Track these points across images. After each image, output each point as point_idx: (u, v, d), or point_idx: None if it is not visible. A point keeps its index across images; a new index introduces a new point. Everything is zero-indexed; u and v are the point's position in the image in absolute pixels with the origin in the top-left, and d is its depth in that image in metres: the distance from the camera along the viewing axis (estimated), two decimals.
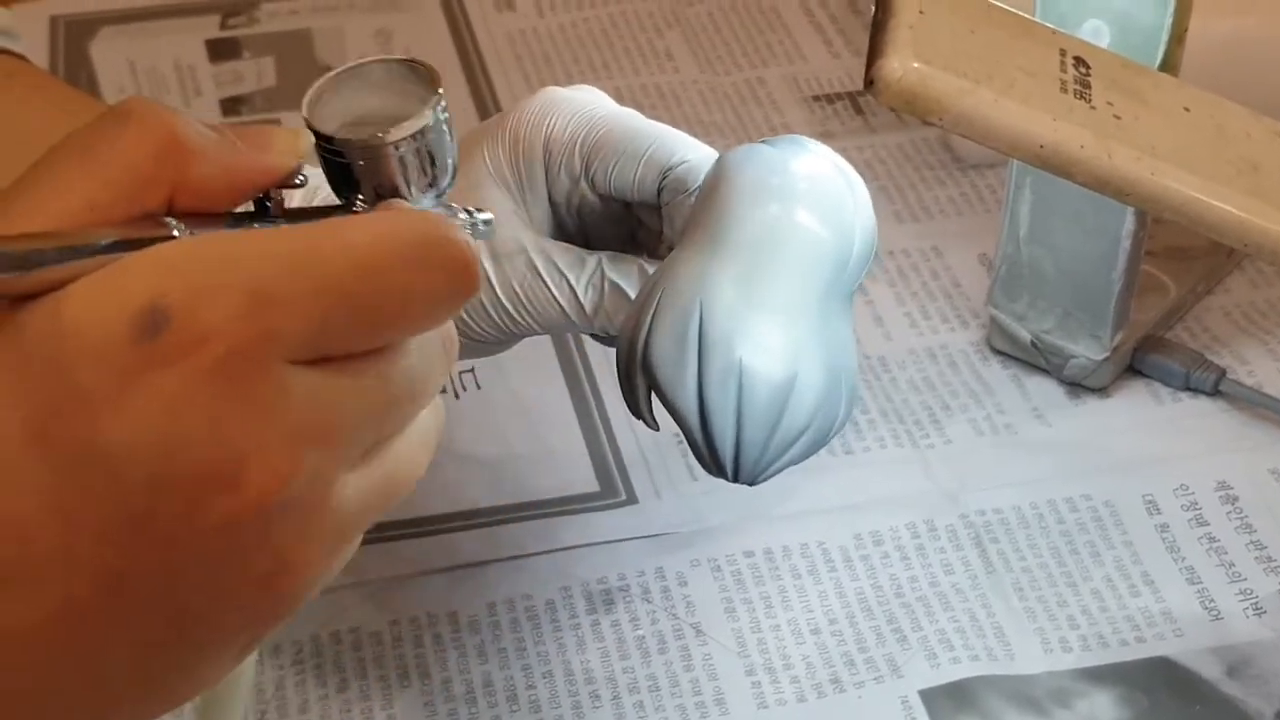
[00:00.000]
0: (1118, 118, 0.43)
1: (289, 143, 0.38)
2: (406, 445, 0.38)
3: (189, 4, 0.83)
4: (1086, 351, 0.61)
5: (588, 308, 0.51)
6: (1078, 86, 0.43)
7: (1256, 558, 0.56)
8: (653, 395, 0.50)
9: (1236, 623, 0.54)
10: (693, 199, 0.51)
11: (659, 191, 0.51)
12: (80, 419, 0.34)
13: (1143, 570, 0.56)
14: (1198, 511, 0.58)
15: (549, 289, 0.50)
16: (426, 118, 0.38)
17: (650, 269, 0.51)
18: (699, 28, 0.81)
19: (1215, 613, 0.55)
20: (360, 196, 0.39)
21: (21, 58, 0.64)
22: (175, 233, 0.36)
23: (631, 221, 0.54)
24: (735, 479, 0.49)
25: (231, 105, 0.78)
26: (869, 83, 0.41)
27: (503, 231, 0.51)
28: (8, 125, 0.61)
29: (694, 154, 0.51)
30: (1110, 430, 0.61)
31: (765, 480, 0.50)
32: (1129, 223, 0.58)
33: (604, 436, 0.61)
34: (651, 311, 0.49)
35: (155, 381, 0.33)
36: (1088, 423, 0.61)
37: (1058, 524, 0.58)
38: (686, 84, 0.78)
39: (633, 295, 0.50)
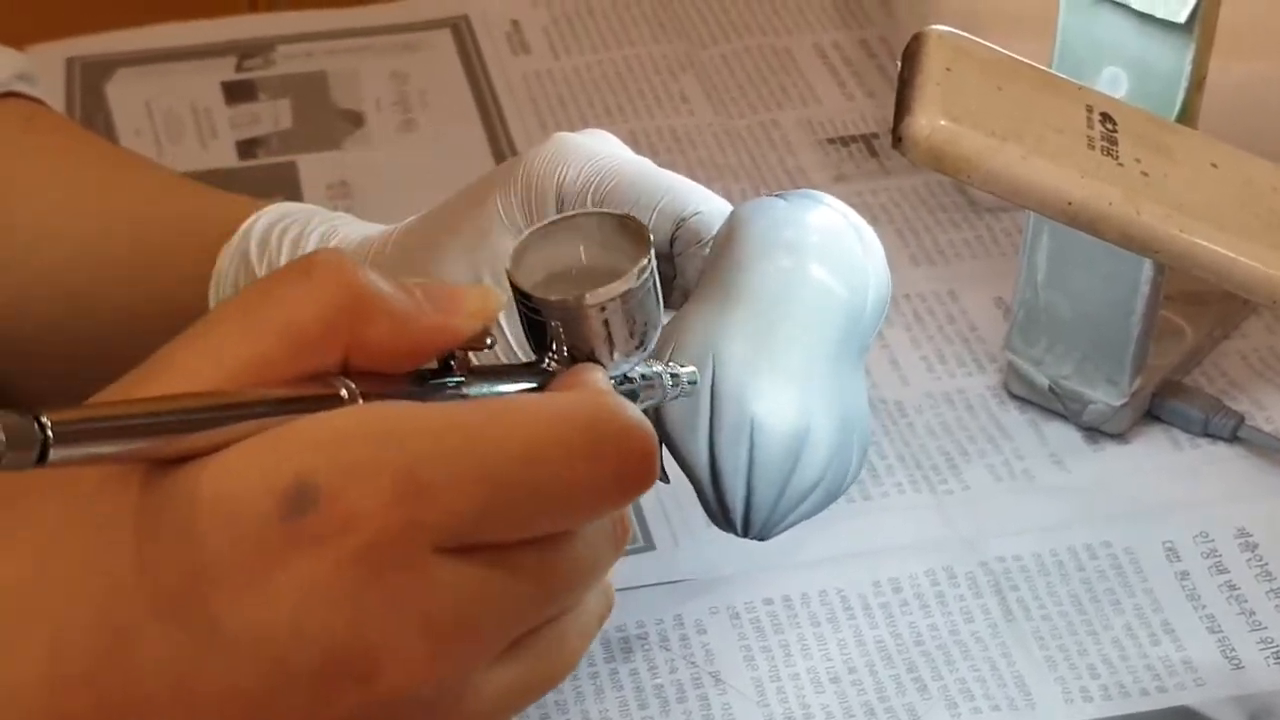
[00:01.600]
0: (1145, 174, 0.43)
1: (479, 304, 0.36)
2: (564, 635, 0.36)
3: (205, 46, 0.83)
4: (1105, 397, 0.61)
5: None
6: (1105, 143, 0.43)
7: (1277, 606, 0.56)
8: (664, 448, 0.50)
9: (1258, 672, 0.54)
10: (706, 250, 0.51)
11: (672, 242, 0.51)
12: (213, 596, 0.32)
13: (1163, 618, 0.56)
14: (1217, 559, 0.58)
15: None
16: (631, 280, 0.37)
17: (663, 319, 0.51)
18: (713, 71, 0.81)
19: (1236, 661, 0.55)
20: (554, 355, 0.38)
21: (39, 101, 0.64)
22: (343, 393, 0.34)
23: None
24: (745, 534, 0.49)
25: (248, 147, 0.78)
26: (896, 140, 0.41)
27: None
28: (24, 170, 0.62)
29: (707, 205, 0.51)
30: (1129, 476, 0.61)
31: (775, 536, 0.49)
32: (1147, 269, 0.58)
33: None
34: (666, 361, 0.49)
35: (295, 563, 0.32)
36: (1106, 469, 0.61)
37: (1078, 571, 0.57)
38: (701, 127, 0.78)
39: None
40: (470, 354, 0.37)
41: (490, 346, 0.37)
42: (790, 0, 0.85)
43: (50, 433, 0.30)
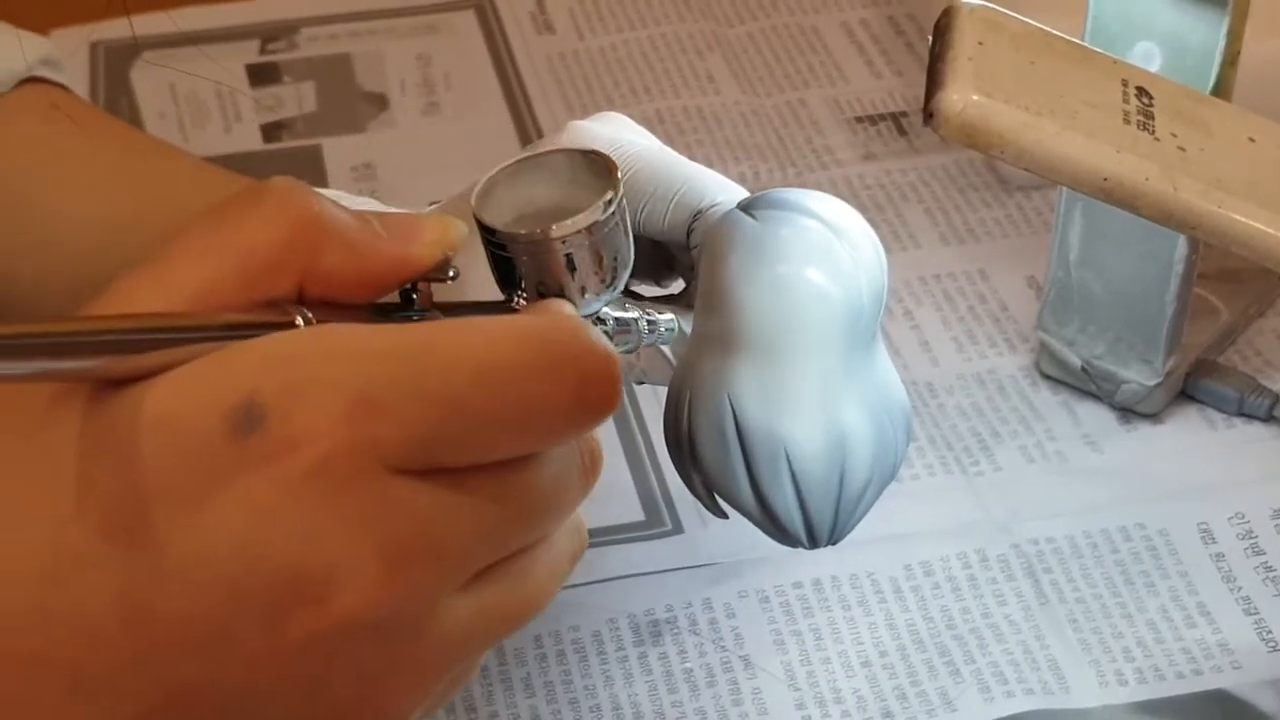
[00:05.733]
0: (1182, 149, 0.42)
1: (438, 234, 0.35)
2: (531, 569, 0.35)
3: (229, 29, 0.83)
4: (1138, 377, 0.61)
5: (622, 363, 0.50)
6: (1141, 118, 0.42)
7: None
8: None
9: None
10: None
11: (689, 233, 0.51)
12: (160, 518, 0.31)
13: (1198, 600, 0.55)
14: (1254, 540, 0.57)
15: None
16: (596, 213, 0.36)
17: (683, 322, 0.50)
18: (740, 49, 0.81)
19: (1273, 644, 0.54)
20: (523, 293, 0.37)
21: (64, 87, 0.64)
22: (299, 320, 0.33)
23: (664, 254, 0.53)
24: (812, 548, 0.50)
25: (272, 131, 0.77)
26: (928, 115, 0.41)
27: None
28: (47, 157, 0.61)
29: (724, 196, 0.51)
30: (1163, 457, 0.60)
31: (845, 537, 0.50)
32: (1181, 247, 0.58)
33: (649, 465, 0.61)
34: (686, 415, 0.49)
35: (243, 484, 0.31)
36: (1140, 449, 0.61)
37: (1111, 553, 0.57)
38: (728, 106, 0.77)
39: (665, 350, 0.50)
40: (434, 289, 0.36)
41: (452, 279, 0.36)
42: None
43: None
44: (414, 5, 0.84)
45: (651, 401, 0.63)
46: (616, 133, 0.53)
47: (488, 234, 0.36)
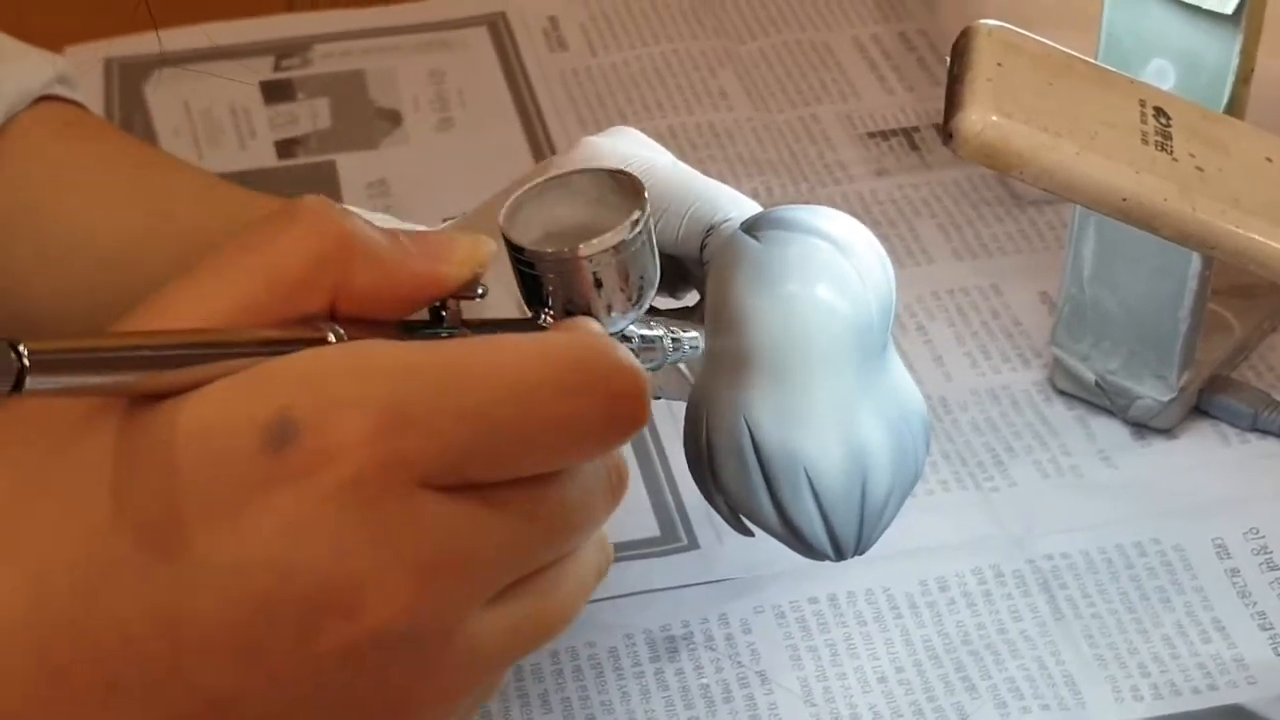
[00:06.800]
0: (1200, 169, 0.42)
1: (468, 252, 0.36)
2: (558, 584, 0.36)
3: (243, 46, 0.83)
4: (1152, 392, 0.61)
5: (649, 381, 0.50)
6: (1159, 138, 0.42)
7: None
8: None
9: None
10: None
11: (702, 248, 0.51)
12: (195, 530, 0.32)
13: (1214, 616, 0.55)
14: (1268, 555, 0.57)
15: None
16: (624, 232, 0.37)
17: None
18: (752, 65, 0.81)
19: None
20: (550, 311, 0.37)
21: (79, 105, 0.64)
22: (331, 337, 0.34)
23: (678, 268, 0.54)
24: (839, 560, 0.50)
25: (286, 148, 0.78)
26: (947, 136, 0.41)
27: None
28: (62, 175, 0.62)
29: (737, 211, 0.51)
30: (1178, 472, 0.60)
31: (871, 547, 0.50)
32: (1196, 263, 0.58)
33: (664, 481, 0.61)
34: (705, 437, 0.49)
35: (276, 497, 0.32)
36: (1154, 465, 0.61)
37: (1126, 569, 0.57)
38: (740, 122, 0.77)
39: (681, 365, 0.51)
40: (462, 306, 0.36)
41: (481, 296, 0.36)
42: None
43: (27, 361, 0.29)
44: (427, 21, 0.85)
45: (667, 417, 0.63)
46: (629, 148, 0.53)
47: (516, 252, 0.37)
